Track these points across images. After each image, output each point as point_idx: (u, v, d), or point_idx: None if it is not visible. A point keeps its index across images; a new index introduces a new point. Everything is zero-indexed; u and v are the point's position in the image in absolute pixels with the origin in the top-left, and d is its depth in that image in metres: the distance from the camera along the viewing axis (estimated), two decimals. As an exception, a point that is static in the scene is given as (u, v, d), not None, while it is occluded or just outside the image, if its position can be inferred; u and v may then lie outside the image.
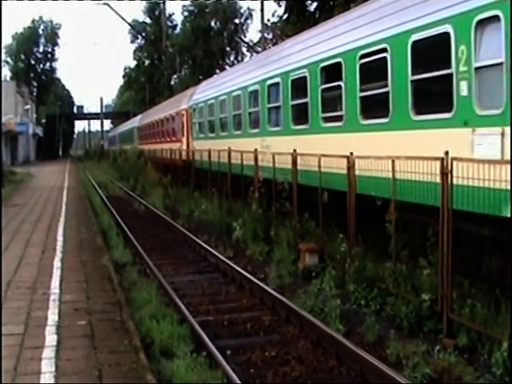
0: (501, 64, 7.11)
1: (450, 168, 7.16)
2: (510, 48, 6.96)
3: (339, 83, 11.18)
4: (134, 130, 48.56)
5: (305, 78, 12.64)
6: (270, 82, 14.89)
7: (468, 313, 6.94)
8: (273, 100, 14.83)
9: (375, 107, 10.24)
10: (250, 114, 16.76)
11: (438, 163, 7.35)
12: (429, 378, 6.23)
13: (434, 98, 8.93)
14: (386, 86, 9.60)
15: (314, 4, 32.16)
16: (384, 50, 9.59)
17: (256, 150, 14.80)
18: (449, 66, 7.98)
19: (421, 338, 7.19)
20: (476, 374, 6.23)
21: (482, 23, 7.42)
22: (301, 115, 13.08)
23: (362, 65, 10.34)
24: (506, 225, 7.03)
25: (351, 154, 9.68)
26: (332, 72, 11.48)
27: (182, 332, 7.47)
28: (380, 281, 8.62)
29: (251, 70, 17.36)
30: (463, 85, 7.79)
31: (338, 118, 11.37)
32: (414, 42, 8.77)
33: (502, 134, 7.09)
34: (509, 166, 6.59)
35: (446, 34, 8.00)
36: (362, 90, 10.44)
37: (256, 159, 14.68)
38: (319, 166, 10.77)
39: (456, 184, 7.17)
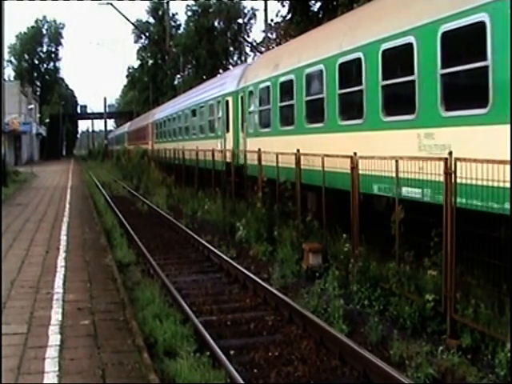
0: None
1: (453, 168, 7.19)
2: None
3: (216, 117, 22.40)
4: (125, 134, 62.01)
5: (194, 110, 25.85)
6: (186, 111, 27.69)
7: (471, 313, 6.93)
8: (188, 122, 27.52)
9: (212, 128, 22.69)
10: (179, 128, 29.93)
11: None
12: (432, 378, 6.23)
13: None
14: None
15: (318, 4, 32.15)
16: (228, 102, 20.29)
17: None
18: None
19: (424, 339, 7.19)
20: (479, 374, 6.23)
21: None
22: (195, 131, 25.74)
23: (213, 105, 22.73)
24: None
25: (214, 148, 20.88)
26: (209, 109, 23.56)
27: (185, 332, 7.46)
28: (383, 281, 8.62)
29: (178, 103, 31.37)
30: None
31: (203, 132, 24.33)
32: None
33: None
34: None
35: (225, 101, 20.48)
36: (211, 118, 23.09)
37: (259, 159, 14.75)
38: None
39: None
